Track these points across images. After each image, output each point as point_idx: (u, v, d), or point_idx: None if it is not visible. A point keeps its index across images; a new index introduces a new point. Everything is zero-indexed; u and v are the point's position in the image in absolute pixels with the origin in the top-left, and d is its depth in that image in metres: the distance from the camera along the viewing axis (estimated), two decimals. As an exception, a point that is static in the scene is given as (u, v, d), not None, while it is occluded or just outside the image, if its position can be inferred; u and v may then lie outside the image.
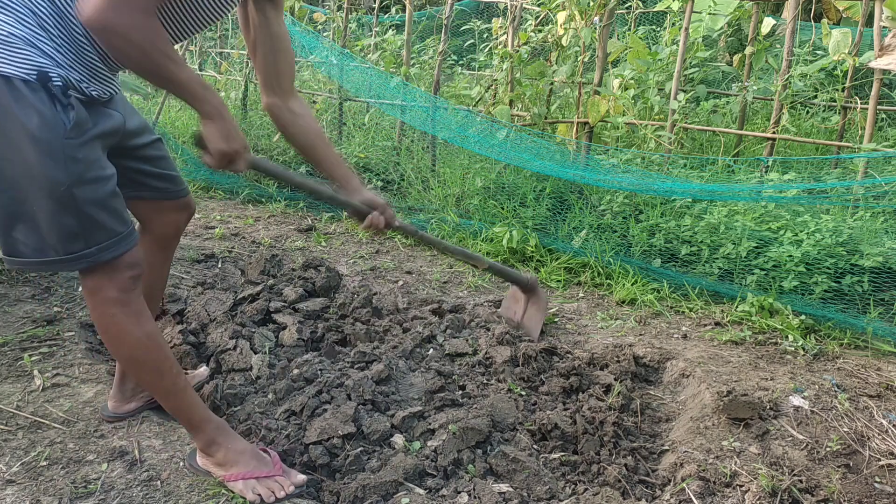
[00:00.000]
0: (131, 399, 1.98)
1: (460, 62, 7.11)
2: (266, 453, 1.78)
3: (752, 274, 3.01)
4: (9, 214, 1.46)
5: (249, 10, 1.82)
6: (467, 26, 5.74)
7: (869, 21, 3.94)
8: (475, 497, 1.75)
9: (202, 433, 1.72)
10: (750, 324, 2.81)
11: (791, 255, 2.90)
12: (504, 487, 1.79)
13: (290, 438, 1.94)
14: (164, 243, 1.97)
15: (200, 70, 6.59)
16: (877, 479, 1.85)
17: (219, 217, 4.26)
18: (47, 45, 1.42)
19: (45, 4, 1.42)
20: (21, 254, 1.49)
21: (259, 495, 1.67)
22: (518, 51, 4.22)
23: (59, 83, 1.41)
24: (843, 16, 5.71)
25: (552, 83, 4.38)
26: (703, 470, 1.85)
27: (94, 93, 1.51)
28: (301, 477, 1.75)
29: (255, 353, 2.37)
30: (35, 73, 1.38)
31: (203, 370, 2.24)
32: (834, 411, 2.13)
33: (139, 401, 1.99)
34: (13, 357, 2.31)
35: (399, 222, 2.17)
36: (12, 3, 1.38)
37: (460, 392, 2.23)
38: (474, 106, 4.63)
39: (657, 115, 3.92)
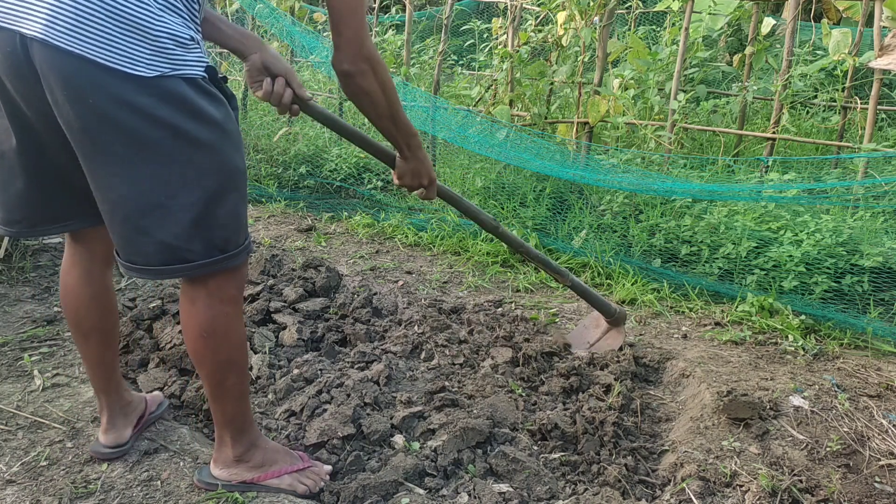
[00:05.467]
0: (126, 426, 1.85)
1: (460, 62, 7.11)
2: None
3: (752, 274, 3.01)
4: (197, 217, 1.41)
5: None
6: (467, 26, 5.74)
7: (869, 21, 3.94)
8: (475, 497, 1.75)
9: (247, 437, 1.69)
10: (750, 324, 2.81)
11: (791, 255, 2.90)
12: (504, 487, 1.79)
13: (290, 439, 1.94)
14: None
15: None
16: (877, 479, 1.85)
17: (219, 217, 4.25)
18: (201, 38, 1.44)
19: (195, 1, 1.42)
20: (184, 259, 1.43)
21: (307, 486, 1.73)
22: (518, 51, 4.22)
23: (221, 75, 1.45)
24: (843, 16, 5.71)
25: (552, 83, 4.38)
26: (703, 470, 1.85)
27: None
28: (328, 467, 1.81)
29: (255, 353, 2.38)
30: (203, 66, 1.39)
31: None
32: (834, 411, 2.13)
33: (132, 427, 1.87)
34: (13, 357, 2.31)
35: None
36: (176, 2, 1.36)
37: (460, 392, 2.23)
38: (474, 106, 4.63)
39: (657, 115, 3.92)
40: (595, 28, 3.93)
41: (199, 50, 1.39)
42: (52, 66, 1.27)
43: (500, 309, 2.97)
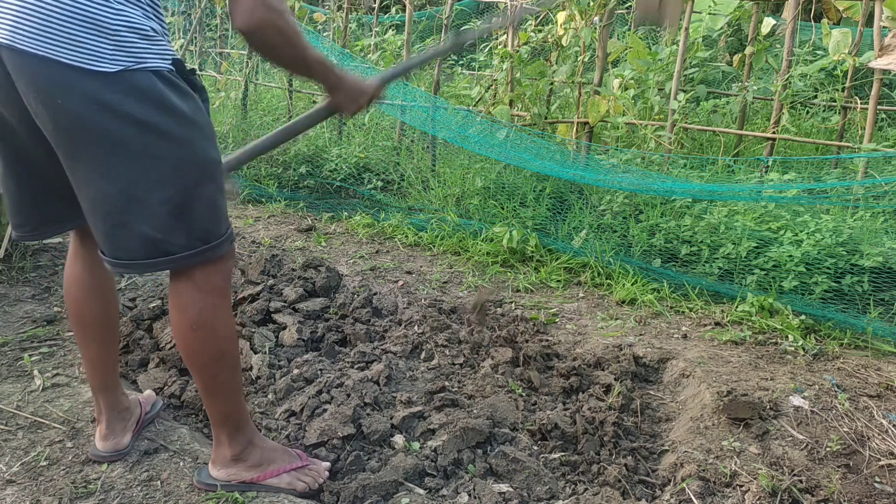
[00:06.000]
0: (124, 432, 1.84)
1: (460, 62, 7.11)
2: None
3: (752, 274, 3.01)
4: (175, 210, 1.41)
5: None
6: (467, 26, 5.74)
7: (869, 21, 3.93)
8: (475, 497, 1.75)
9: (243, 435, 1.69)
10: (750, 324, 2.81)
11: (791, 255, 2.90)
12: (504, 487, 1.79)
13: (290, 439, 1.94)
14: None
15: (201, 70, 6.60)
16: (877, 479, 1.85)
17: (219, 217, 4.25)
18: (165, 31, 1.44)
19: None
20: (167, 252, 1.44)
21: (306, 483, 1.73)
22: (518, 51, 4.22)
23: (190, 68, 1.45)
24: (843, 16, 5.70)
25: (552, 83, 4.38)
26: (703, 470, 1.85)
27: None
28: (326, 463, 1.82)
29: (255, 353, 2.38)
30: (170, 60, 1.40)
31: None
32: (834, 411, 2.13)
33: (131, 432, 1.86)
34: (13, 357, 2.31)
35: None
36: None
37: (460, 392, 2.23)
38: (474, 106, 4.63)
39: (657, 115, 3.92)
40: (595, 28, 3.93)
41: (163, 42, 1.39)
42: (20, 70, 1.28)
43: (500, 309, 2.97)
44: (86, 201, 1.43)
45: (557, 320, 2.93)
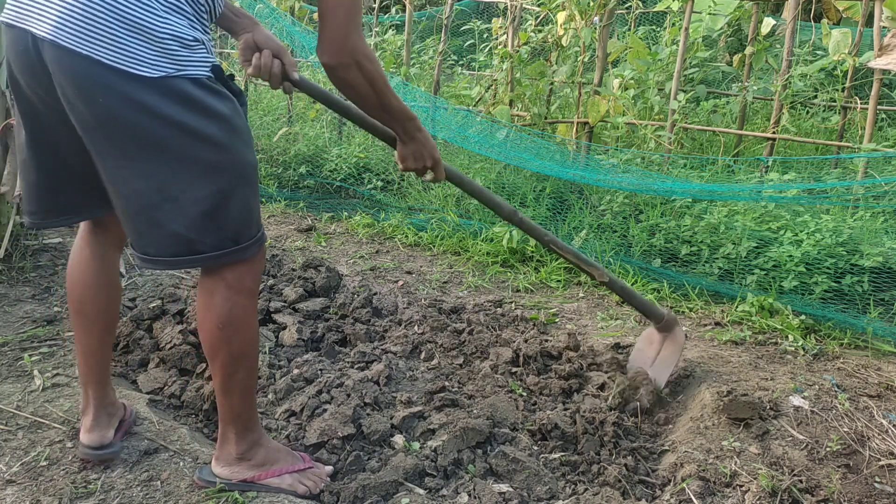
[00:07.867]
0: (109, 426, 1.80)
1: (460, 62, 7.11)
2: None
3: (752, 274, 3.01)
4: (208, 210, 1.43)
5: None
6: (467, 26, 5.74)
7: (869, 21, 3.94)
8: (475, 497, 1.75)
9: (251, 434, 1.70)
10: (750, 324, 2.81)
11: (791, 255, 2.90)
12: (504, 487, 1.79)
13: (290, 439, 1.94)
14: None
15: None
16: (877, 479, 1.85)
17: (219, 217, 4.25)
18: (209, 38, 1.47)
19: (203, 2, 1.44)
20: (198, 251, 1.46)
21: (307, 487, 1.74)
22: (518, 51, 4.22)
23: (228, 73, 1.47)
24: (843, 16, 5.71)
25: (552, 83, 4.39)
26: (703, 470, 1.85)
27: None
28: (329, 468, 1.82)
29: (255, 353, 2.37)
30: (209, 66, 1.42)
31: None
32: (834, 411, 2.13)
33: (115, 429, 1.82)
34: (13, 357, 2.31)
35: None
36: (181, 4, 1.38)
37: (460, 392, 2.23)
38: (474, 106, 4.63)
39: (657, 115, 3.92)
40: (595, 28, 3.93)
41: (204, 50, 1.42)
42: (61, 65, 1.31)
43: (500, 309, 2.97)
44: (118, 197, 1.45)
45: (557, 320, 2.93)
